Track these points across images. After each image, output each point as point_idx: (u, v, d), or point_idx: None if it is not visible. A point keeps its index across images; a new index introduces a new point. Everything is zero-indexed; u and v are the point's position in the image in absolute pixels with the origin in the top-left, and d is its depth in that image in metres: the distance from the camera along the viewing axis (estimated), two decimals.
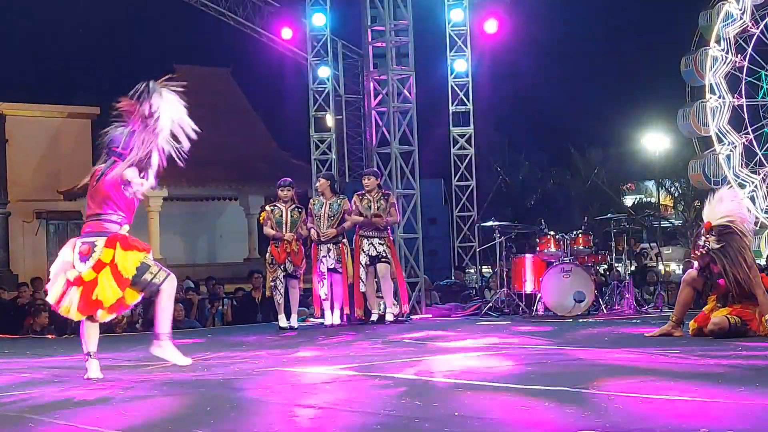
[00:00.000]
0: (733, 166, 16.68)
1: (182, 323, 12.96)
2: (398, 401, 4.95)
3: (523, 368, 6.32)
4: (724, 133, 16.79)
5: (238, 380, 6.12)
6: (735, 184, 15.35)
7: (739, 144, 16.25)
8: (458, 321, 11.86)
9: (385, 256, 11.11)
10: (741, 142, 16.30)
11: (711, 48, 16.78)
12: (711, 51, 16.70)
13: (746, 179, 16.37)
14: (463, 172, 17.45)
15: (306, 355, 7.90)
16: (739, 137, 16.50)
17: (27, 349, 6.12)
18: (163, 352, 6.53)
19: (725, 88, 16.92)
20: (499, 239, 12.44)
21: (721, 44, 16.77)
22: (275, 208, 11.12)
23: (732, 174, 16.16)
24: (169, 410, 5.03)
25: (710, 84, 16.73)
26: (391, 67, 13.08)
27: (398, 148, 12.93)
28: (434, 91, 18.23)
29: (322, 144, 17.02)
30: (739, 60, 16.43)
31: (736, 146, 16.34)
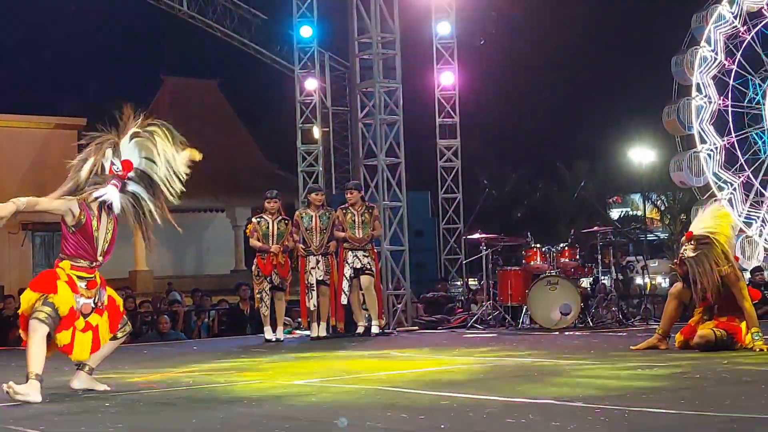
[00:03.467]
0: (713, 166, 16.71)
1: (168, 335, 12.93)
2: (384, 413, 4.95)
3: (509, 381, 6.32)
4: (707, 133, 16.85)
5: (224, 393, 6.11)
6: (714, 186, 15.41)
7: (720, 146, 16.30)
8: (444, 333, 11.86)
9: (369, 269, 11.10)
10: (722, 145, 16.34)
11: (701, 48, 16.85)
12: (701, 51, 16.78)
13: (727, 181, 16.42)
14: (450, 184, 17.46)
15: (292, 367, 7.89)
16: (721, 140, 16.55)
17: (12, 361, 6.09)
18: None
19: (712, 88, 16.99)
20: (486, 252, 12.45)
21: (711, 45, 16.84)
22: (262, 220, 11.12)
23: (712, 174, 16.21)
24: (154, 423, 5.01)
25: (697, 83, 16.79)
26: (378, 79, 13.10)
27: (385, 160, 12.95)
28: (421, 104, 18.27)
29: (309, 156, 17.02)
30: (728, 63, 16.50)
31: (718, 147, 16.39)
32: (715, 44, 16.60)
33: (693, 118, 16.79)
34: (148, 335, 13.13)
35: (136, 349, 11.10)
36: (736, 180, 16.06)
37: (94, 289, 6.02)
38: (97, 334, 6.02)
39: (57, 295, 5.82)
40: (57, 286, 5.85)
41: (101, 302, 6.06)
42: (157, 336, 12.89)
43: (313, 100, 16.99)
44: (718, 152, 16.67)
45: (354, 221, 11.10)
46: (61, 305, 5.81)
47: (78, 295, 5.90)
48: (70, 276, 5.92)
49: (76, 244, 5.94)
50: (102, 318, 6.05)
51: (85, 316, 5.95)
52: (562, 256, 12.02)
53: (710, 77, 16.86)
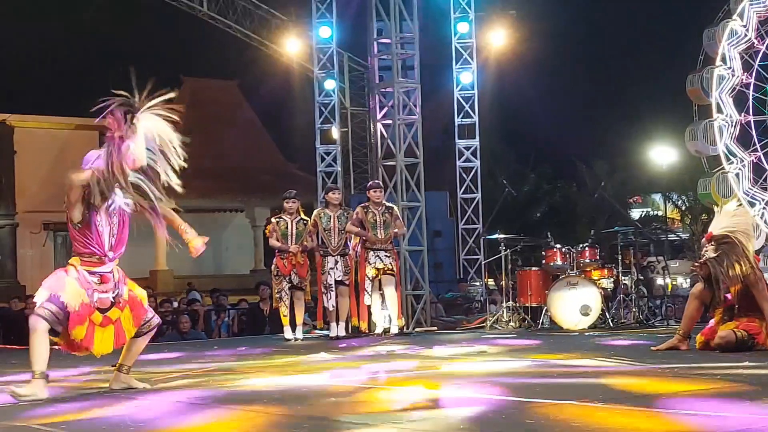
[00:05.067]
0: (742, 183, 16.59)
1: (188, 335, 12.99)
2: (402, 414, 4.95)
3: (529, 382, 6.30)
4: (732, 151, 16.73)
5: (244, 393, 6.12)
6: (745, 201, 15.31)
7: (747, 161, 16.19)
8: (463, 334, 11.85)
9: (390, 269, 11.11)
10: (749, 160, 16.24)
11: (717, 67, 16.73)
12: (717, 70, 16.65)
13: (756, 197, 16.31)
14: (469, 184, 17.43)
15: (311, 367, 7.90)
16: (747, 154, 16.44)
17: None
18: None
19: (732, 106, 16.88)
20: (505, 252, 12.42)
21: (727, 62, 16.72)
22: (281, 220, 11.14)
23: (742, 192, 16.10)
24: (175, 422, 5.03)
25: (717, 103, 16.68)
26: (396, 79, 13.10)
27: (403, 160, 12.94)
28: (440, 104, 18.25)
29: (327, 156, 17.04)
30: (745, 77, 16.38)
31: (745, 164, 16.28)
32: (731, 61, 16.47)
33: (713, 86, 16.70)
34: (169, 335, 13.18)
35: (157, 348, 11.15)
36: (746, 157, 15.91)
37: (108, 283, 5.99)
38: (120, 328, 6.01)
39: (65, 292, 5.82)
40: (65, 283, 5.85)
41: (121, 297, 6.05)
42: (177, 335, 12.95)
43: (332, 101, 17.00)
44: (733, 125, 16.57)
45: (375, 221, 11.11)
46: (70, 301, 5.80)
47: (89, 290, 5.89)
48: (79, 271, 5.92)
49: (83, 241, 5.94)
50: (123, 313, 6.03)
51: (102, 311, 5.94)
52: (582, 257, 11.98)
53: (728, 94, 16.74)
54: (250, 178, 29.36)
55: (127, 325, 6.07)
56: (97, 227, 5.94)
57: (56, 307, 5.79)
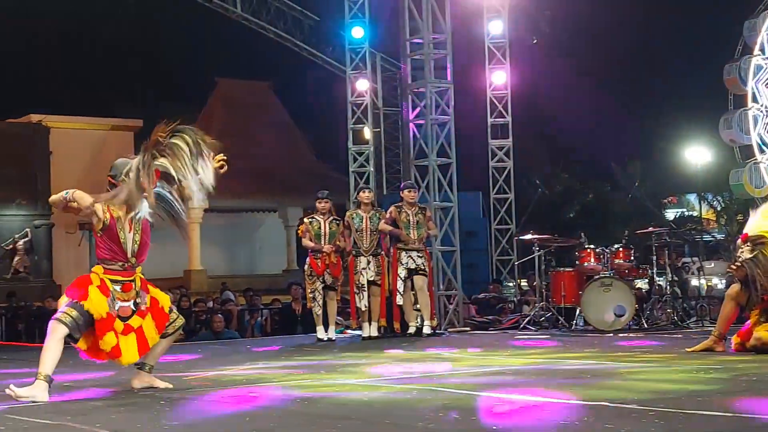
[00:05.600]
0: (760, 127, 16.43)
1: (222, 334, 13.05)
2: (435, 414, 4.95)
3: (562, 383, 6.28)
4: (760, 94, 16.57)
5: (277, 392, 6.14)
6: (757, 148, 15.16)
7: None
8: (496, 334, 11.82)
9: (423, 269, 11.11)
10: None
11: (754, 57, 16.59)
12: (754, 60, 16.52)
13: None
14: (502, 184, 17.38)
15: (344, 366, 7.91)
16: None
17: (69, 359, 6.22)
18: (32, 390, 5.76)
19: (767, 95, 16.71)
20: (538, 252, 12.37)
21: (766, 53, 16.57)
22: (313, 220, 11.16)
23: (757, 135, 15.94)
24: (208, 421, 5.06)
25: (753, 92, 16.54)
26: (429, 79, 13.08)
27: (436, 160, 12.93)
28: (473, 104, 18.20)
29: (360, 156, 17.05)
30: None
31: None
32: None
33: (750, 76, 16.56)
34: (202, 334, 13.26)
35: (191, 347, 11.22)
36: None
37: (130, 291, 6.02)
38: (142, 336, 6.04)
39: (88, 301, 5.85)
40: (88, 291, 5.88)
41: (143, 304, 6.07)
42: (210, 335, 13.01)
43: (365, 101, 17.02)
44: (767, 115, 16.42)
45: (409, 221, 11.10)
46: (94, 311, 5.84)
47: (110, 299, 5.92)
48: (102, 280, 5.95)
49: (105, 247, 5.98)
50: (145, 320, 6.05)
51: (123, 319, 5.96)
52: (617, 257, 11.90)
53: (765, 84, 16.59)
54: (282, 178, 29.45)
55: (150, 333, 6.09)
56: (119, 234, 5.98)
57: (78, 312, 5.82)
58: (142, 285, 6.12)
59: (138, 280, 6.10)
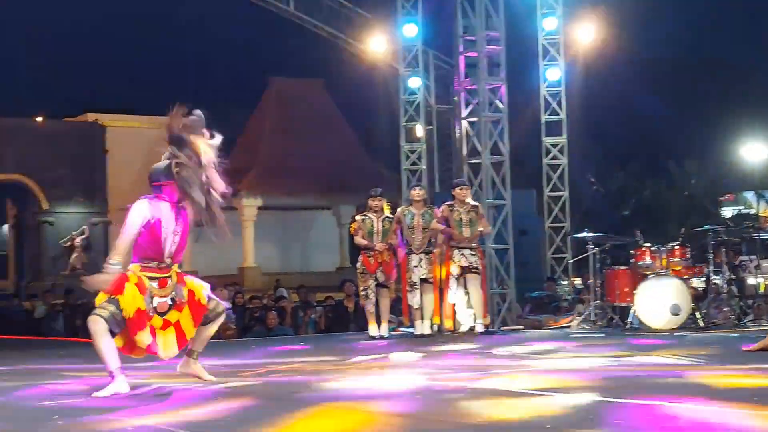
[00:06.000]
0: None
1: (275, 330, 13.14)
2: (488, 412, 4.93)
3: (617, 381, 6.22)
4: None
5: (330, 389, 6.16)
6: None
7: None
8: (549, 333, 11.75)
9: (476, 267, 11.07)
10: None
11: None
12: None
13: None
14: (556, 182, 17.26)
15: (395, 364, 7.92)
16: None
17: (124, 357, 6.32)
18: None
19: None
20: (593, 251, 12.28)
21: None
22: (366, 218, 11.18)
23: None
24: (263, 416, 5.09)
25: None
26: (482, 76, 13.03)
27: (489, 158, 12.88)
28: (526, 101, 18.09)
29: (412, 154, 17.05)
30: None
31: None
32: None
33: None
34: (257, 330, 13.36)
35: (245, 343, 11.33)
36: None
37: (166, 287, 6.06)
38: (180, 329, 6.08)
39: (122, 296, 5.89)
40: (124, 287, 5.93)
41: (180, 298, 6.11)
42: (264, 331, 13.11)
43: (417, 99, 17.01)
44: None
45: (461, 219, 11.07)
46: (126, 306, 5.88)
47: (147, 295, 5.97)
48: (139, 277, 6.00)
49: (144, 245, 6.01)
50: (182, 313, 6.10)
51: (161, 314, 6.01)
52: (672, 255, 11.76)
53: None
54: (335, 176, 29.55)
55: (188, 326, 6.14)
56: (161, 232, 6.02)
57: (114, 308, 5.88)
58: (178, 279, 6.16)
59: (174, 274, 6.14)
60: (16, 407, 5.67)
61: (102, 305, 5.89)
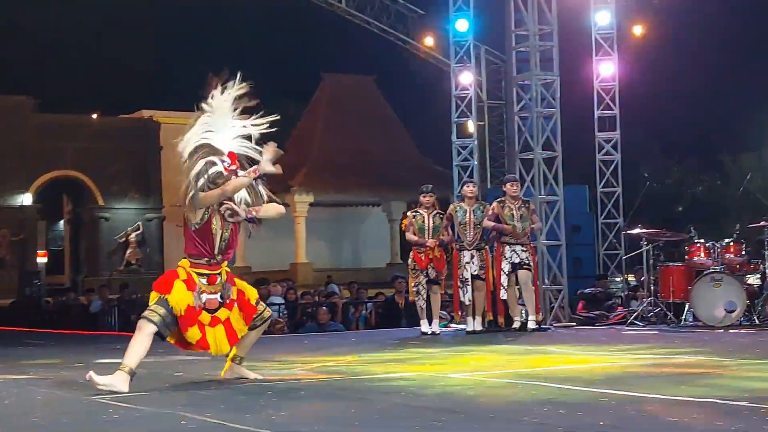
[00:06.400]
0: None
1: (327, 326, 13.20)
2: (540, 409, 4.91)
3: (670, 379, 6.16)
4: None
5: (381, 385, 6.18)
6: None
7: None
8: (602, 330, 11.66)
9: (527, 264, 11.01)
10: None
11: None
12: None
13: None
14: (609, 178, 17.11)
15: (448, 360, 7.91)
16: None
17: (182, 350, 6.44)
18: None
19: None
20: (647, 247, 12.16)
21: None
22: (417, 214, 11.17)
23: None
24: (314, 412, 5.12)
25: None
26: (535, 71, 12.96)
27: (541, 153, 12.80)
28: (579, 96, 17.95)
29: (464, 150, 17.00)
30: None
31: None
32: None
33: None
34: (308, 326, 13.43)
35: (297, 339, 11.40)
36: None
37: (216, 284, 6.07)
38: (230, 327, 6.10)
39: (171, 295, 5.93)
40: (173, 285, 5.97)
41: (228, 297, 6.12)
42: (316, 327, 13.18)
43: (469, 94, 16.95)
44: None
45: (512, 215, 11.02)
46: (176, 305, 5.92)
47: (197, 291, 5.99)
48: (189, 274, 6.03)
49: (195, 242, 6.05)
50: (232, 312, 6.12)
51: (211, 311, 6.03)
52: (727, 252, 11.60)
53: None
54: (386, 172, 29.59)
55: (238, 324, 6.16)
56: (212, 230, 6.05)
57: (165, 309, 5.92)
58: (228, 278, 6.18)
59: (224, 272, 6.16)
60: (73, 400, 5.76)
61: (153, 307, 5.94)
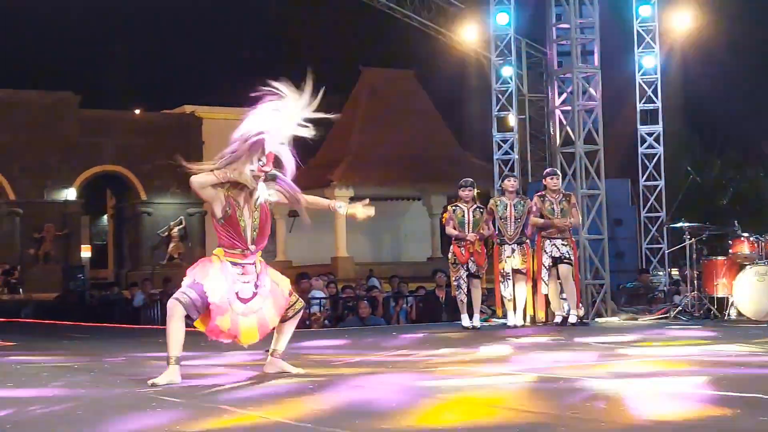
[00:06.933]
0: None
1: (368, 320, 13.24)
2: (583, 404, 4.90)
3: (714, 373, 6.11)
4: None
5: (423, 379, 6.19)
6: None
7: None
8: (646, 325, 11.59)
9: (568, 258, 10.97)
10: None
11: None
12: None
13: None
14: (652, 171, 16.99)
15: (490, 356, 7.91)
16: None
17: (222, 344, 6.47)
18: None
19: None
20: (690, 241, 12.07)
21: None
22: (457, 208, 11.15)
23: None
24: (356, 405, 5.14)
25: None
26: (576, 65, 12.89)
27: (583, 147, 12.73)
28: (621, 89, 17.82)
29: (504, 144, 16.96)
30: None
31: None
32: None
33: None
34: (349, 320, 13.48)
35: (338, 333, 11.44)
36: None
37: (250, 274, 6.04)
38: (263, 318, 6.04)
39: (206, 281, 5.91)
40: (209, 272, 5.95)
41: (262, 287, 6.06)
42: (357, 321, 13.22)
43: (509, 88, 16.91)
44: None
45: (552, 209, 10.98)
46: (210, 291, 5.89)
47: (231, 280, 5.96)
48: (223, 262, 6.02)
49: (226, 235, 6.04)
50: (265, 303, 6.06)
51: (244, 301, 5.99)
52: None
53: None
54: (427, 166, 29.58)
55: (270, 315, 6.09)
56: (239, 222, 6.02)
57: (196, 293, 5.89)
58: (262, 268, 6.15)
59: (258, 263, 6.13)
60: (117, 394, 5.83)
61: (184, 290, 5.92)
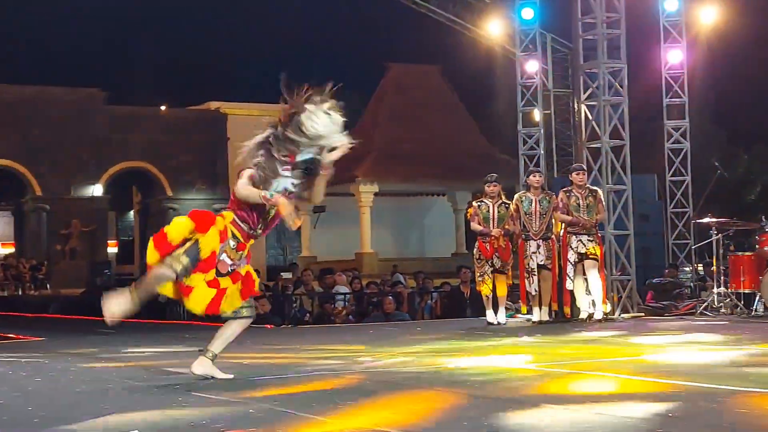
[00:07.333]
0: None
1: (392, 315, 13.25)
2: (608, 400, 4.87)
3: (741, 370, 6.07)
4: None
5: (447, 374, 6.19)
6: None
7: None
8: (672, 320, 11.52)
9: (593, 253, 10.92)
10: None
11: None
12: None
13: None
14: (678, 166, 16.88)
15: (514, 350, 7.89)
16: None
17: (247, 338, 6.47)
18: None
19: None
20: (716, 236, 11.98)
21: None
22: (482, 203, 11.14)
23: None
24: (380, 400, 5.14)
25: None
26: (602, 59, 12.82)
27: (609, 142, 12.67)
28: (647, 84, 17.72)
29: (530, 139, 16.91)
30: None
31: None
32: None
33: None
34: (374, 315, 13.50)
35: (362, 328, 11.46)
36: None
37: (241, 252, 5.92)
38: (220, 296, 5.84)
39: (204, 236, 5.76)
40: (209, 229, 5.79)
41: (239, 269, 5.92)
42: (382, 316, 13.23)
43: (535, 83, 16.85)
44: None
45: (578, 205, 10.93)
46: (204, 246, 5.74)
47: (223, 246, 5.82)
48: (226, 227, 5.87)
49: (247, 210, 5.88)
50: (233, 285, 5.90)
51: (218, 273, 5.83)
52: None
53: None
54: (452, 161, 29.51)
55: (232, 298, 5.91)
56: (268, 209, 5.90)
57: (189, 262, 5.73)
58: (248, 254, 6.03)
59: (248, 247, 6.00)
60: (143, 388, 5.86)
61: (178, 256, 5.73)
